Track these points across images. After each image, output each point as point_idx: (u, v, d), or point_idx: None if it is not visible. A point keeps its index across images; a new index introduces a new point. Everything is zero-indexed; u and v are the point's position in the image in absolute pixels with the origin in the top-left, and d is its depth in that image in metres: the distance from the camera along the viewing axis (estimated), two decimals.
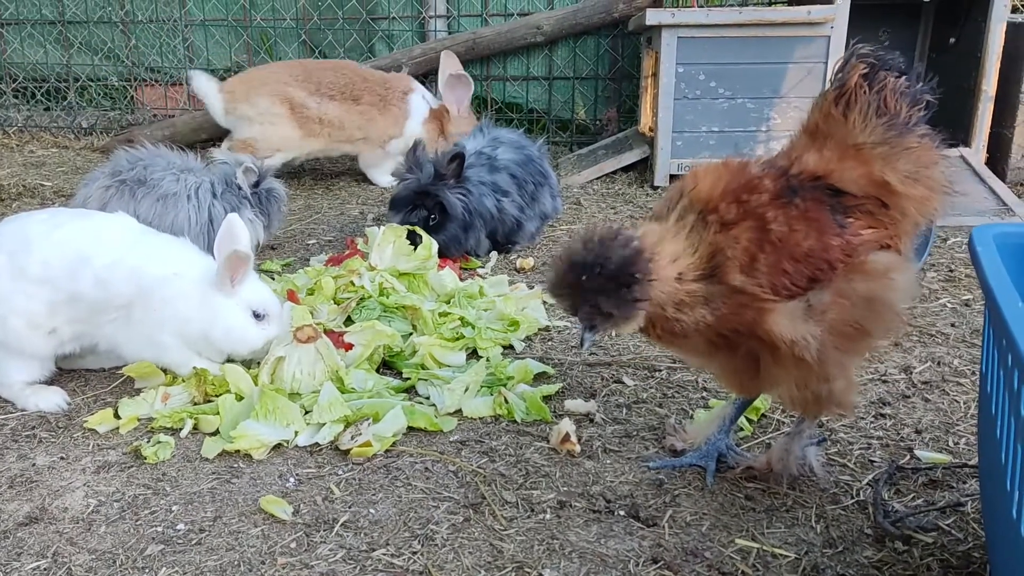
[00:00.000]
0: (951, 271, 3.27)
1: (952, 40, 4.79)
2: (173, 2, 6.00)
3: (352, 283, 2.90)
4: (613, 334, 1.77)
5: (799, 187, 1.70)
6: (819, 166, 1.72)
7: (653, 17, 4.51)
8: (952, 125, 4.50)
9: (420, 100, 4.97)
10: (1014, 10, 5.01)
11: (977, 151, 4.43)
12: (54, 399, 2.31)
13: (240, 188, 3.21)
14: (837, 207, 1.70)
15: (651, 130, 4.98)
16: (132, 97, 6.16)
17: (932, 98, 1.75)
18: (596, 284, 1.62)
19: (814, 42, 4.36)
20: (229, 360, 2.42)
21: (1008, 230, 1.63)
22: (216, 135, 5.71)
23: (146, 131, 5.57)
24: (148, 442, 2.11)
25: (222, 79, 6.05)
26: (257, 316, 2.35)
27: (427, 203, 3.35)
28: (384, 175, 4.96)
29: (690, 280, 1.66)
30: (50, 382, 2.38)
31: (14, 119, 6.10)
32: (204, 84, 4.84)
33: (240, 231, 2.34)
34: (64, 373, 2.46)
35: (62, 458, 2.08)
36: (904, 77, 1.73)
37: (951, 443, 2.07)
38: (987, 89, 4.39)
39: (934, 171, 1.74)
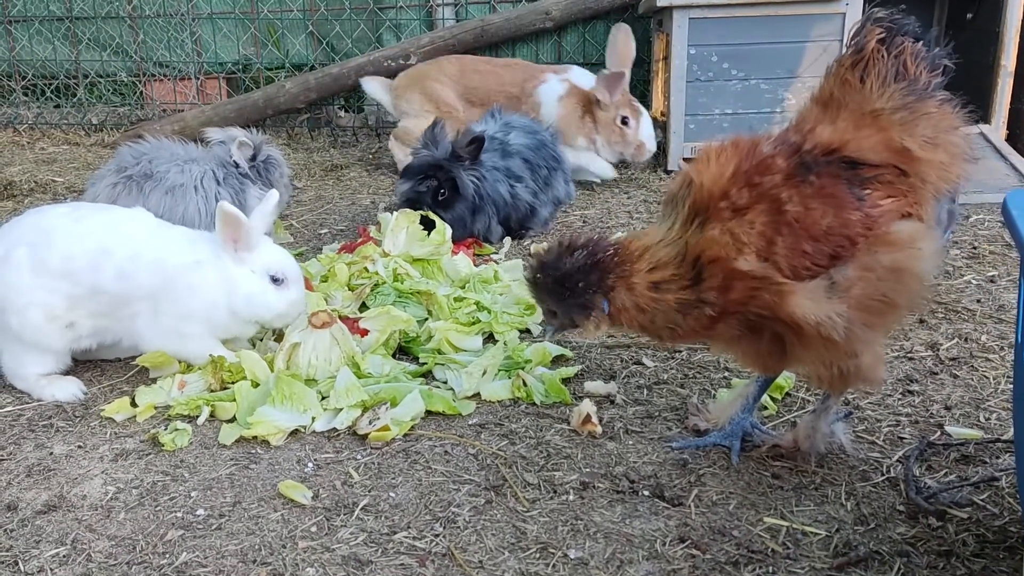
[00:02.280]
0: (975, 248, 3.21)
1: (969, 16, 4.71)
2: None
3: (366, 269, 2.87)
4: (583, 335, 1.94)
5: (813, 163, 1.65)
6: (833, 138, 1.68)
7: None
8: (971, 101, 4.41)
9: (553, 84, 4.54)
10: None
11: (997, 127, 4.35)
12: (70, 389, 2.30)
13: (238, 165, 3.18)
14: (854, 179, 1.65)
15: (663, 114, 4.93)
16: (141, 92, 6.15)
17: (949, 63, 1.72)
18: (547, 285, 1.78)
19: (830, 20, 4.29)
20: (249, 345, 2.40)
21: None
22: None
23: (156, 126, 5.55)
24: (165, 429, 2.09)
25: (231, 73, 6.08)
26: (276, 280, 2.33)
27: (439, 176, 3.32)
28: None
29: (673, 290, 1.67)
30: (66, 372, 2.37)
31: (24, 116, 6.09)
32: (372, 84, 4.87)
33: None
34: (80, 363, 2.44)
35: (79, 447, 2.06)
36: (921, 42, 1.70)
37: (982, 418, 2.03)
38: (1006, 64, 4.31)
39: (954, 136, 1.70)
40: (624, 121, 4.48)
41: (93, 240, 2.23)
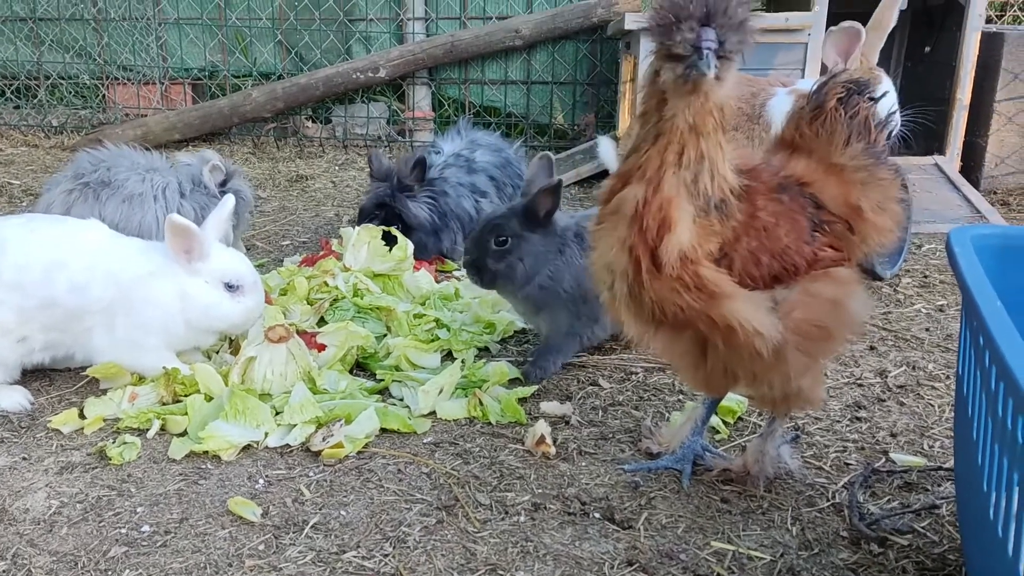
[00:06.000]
0: (925, 277, 3.29)
1: (927, 49, 4.84)
2: (146, 0, 5.92)
3: (326, 284, 2.86)
4: None
5: (788, 187, 1.72)
6: (806, 173, 1.75)
7: (632, 22, 4.51)
8: (927, 133, 4.54)
9: (781, 98, 3.78)
10: (988, 20, 5.07)
11: (951, 159, 4.47)
12: (16, 398, 2.25)
13: (207, 188, 3.15)
14: (814, 217, 1.71)
15: (631, 134, 4.98)
16: (104, 96, 6.06)
17: (902, 130, 1.80)
18: None
19: (792, 49, 4.38)
20: (204, 357, 2.38)
21: (985, 231, 1.63)
22: (189, 135, 5.65)
23: (118, 130, 5.49)
24: (113, 443, 2.06)
25: (197, 79, 6.02)
26: (230, 287, 2.31)
27: (387, 215, 3.33)
28: None
29: None
30: (13, 381, 2.31)
31: None
32: (609, 150, 4.26)
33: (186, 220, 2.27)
34: (28, 372, 2.39)
35: (24, 458, 2.02)
36: (875, 104, 1.78)
37: (926, 446, 2.08)
38: (961, 98, 4.44)
39: (897, 205, 1.78)
40: None
41: (46, 252, 2.20)
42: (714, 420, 2.16)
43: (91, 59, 6.04)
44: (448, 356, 2.59)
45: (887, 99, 3.51)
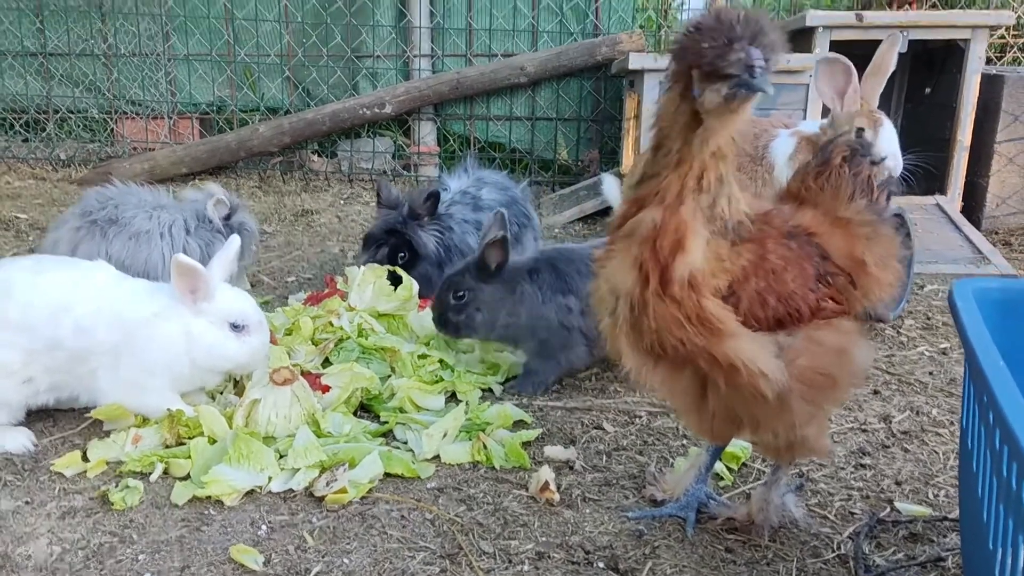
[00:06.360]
0: (928, 319, 3.29)
1: (928, 91, 4.89)
2: (156, 36, 6.00)
3: (331, 323, 2.87)
4: None
5: (797, 235, 1.74)
6: (813, 224, 1.77)
7: (636, 61, 4.56)
8: (928, 173, 4.57)
9: (784, 140, 3.73)
10: (988, 62, 5.13)
11: (953, 199, 4.50)
12: (20, 440, 2.25)
13: (211, 222, 3.18)
14: (820, 267, 1.73)
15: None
16: (112, 130, 6.13)
17: (904, 172, 1.84)
18: None
19: (795, 90, 4.43)
20: (208, 399, 2.38)
21: (987, 285, 1.64)
22: (196, 169, 5.70)
23: (125, 164, 5.54)
24: (116, 487, 2.05)
25: (204, 114, 6.09)
26: (236, 327, 2.32)
27: (395, 241, 3.35)
28: None
29: None
30: (17, 423, 2.32)
31: None
32: (610, 183, 4.28)
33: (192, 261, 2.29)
34: (31, 413, 2.39)
35: (27, 503, 2.02)
36: (876, 166, 1.82)
37: (931, 495, 2.07)
38: (962, 139, 4.48)
39: (897, 263, 1.81)
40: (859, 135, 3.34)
41: (53, 294, 2.21)
42: (718, 466, 2.15)
43: (100, 94, 6.11)
44: (452, 397, 2.59)
45: (890, 145, 3.56)
